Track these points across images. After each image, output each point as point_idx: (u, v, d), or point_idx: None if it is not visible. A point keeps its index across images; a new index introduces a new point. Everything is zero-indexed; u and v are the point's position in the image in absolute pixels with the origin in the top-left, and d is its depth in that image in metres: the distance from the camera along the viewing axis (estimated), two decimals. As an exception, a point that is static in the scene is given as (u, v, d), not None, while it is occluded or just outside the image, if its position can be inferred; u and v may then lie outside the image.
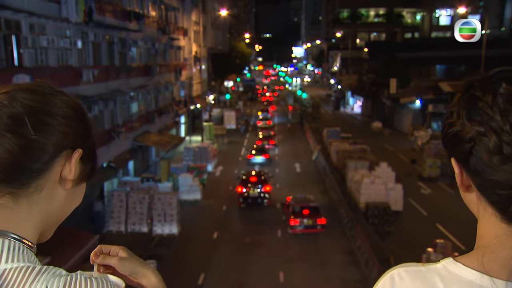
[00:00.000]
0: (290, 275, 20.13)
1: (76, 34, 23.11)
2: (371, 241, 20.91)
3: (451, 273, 1.18)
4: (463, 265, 1.18)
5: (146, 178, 29.17)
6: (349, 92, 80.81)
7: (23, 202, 1.20)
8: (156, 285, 1.40)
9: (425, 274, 1.20)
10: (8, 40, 17.82)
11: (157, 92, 37.75)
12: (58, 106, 1.25)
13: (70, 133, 1.25)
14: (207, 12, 60.91)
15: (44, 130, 1.20)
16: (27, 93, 1.23)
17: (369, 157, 33.78)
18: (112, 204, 24.00)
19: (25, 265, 1.12)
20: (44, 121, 1.21)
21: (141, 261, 1.43)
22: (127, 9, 30.53)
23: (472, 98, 1.16)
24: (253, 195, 28.71)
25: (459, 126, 1.16)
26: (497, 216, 1.17)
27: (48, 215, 1.27)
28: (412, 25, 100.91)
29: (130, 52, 31.73)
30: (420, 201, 28.13)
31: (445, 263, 1.20)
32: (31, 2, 18.71)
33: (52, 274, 1.12)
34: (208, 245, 23.05)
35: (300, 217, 24.36)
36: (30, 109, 1.20)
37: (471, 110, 1.15)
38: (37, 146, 1.19)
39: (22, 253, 1.14)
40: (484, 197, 1.17)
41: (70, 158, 1.24)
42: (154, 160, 35.93)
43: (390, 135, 51.34)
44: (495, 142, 1.10)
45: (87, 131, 1.32)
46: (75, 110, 1.29)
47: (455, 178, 1.27)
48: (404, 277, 1.20)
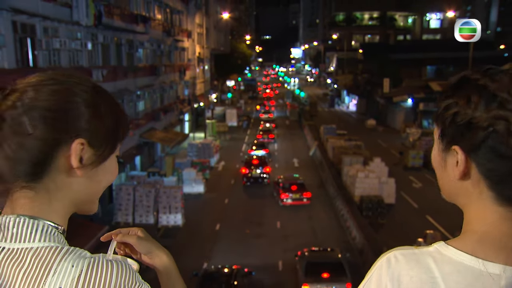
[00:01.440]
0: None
1: (86, 36, 23.19)
2: (365, 232, 21.02)
3: (443, 255, 1.18)
4: (454, 248, 1.18)
5: (152, 173, 29.24)
6: (345, 91, 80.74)
7: (42, 192, 1.22)
8: (169, 266, 1.48)
9: (419, 256, 1.20)
10: (24, 43, 17.87)
11: (163, 91, 37.77)
12: (66, 100, 1.22)
13: (72, 127, 1.22)
14: (210, 15, 60.82)
15: (49, 124, 1.19)
16: (40, 91, 1.21)
17: (363, 153, 33.79)
18: (120, 197, 24.05)
19: (55, 245, 1.16)
20: (40, 117, 1.19)
21: (156, 243, 1.49)
22: (134, 12, 30.53)
23: (478, 87, 1.15)
24: (255, 175, 32.12)
25: (471, 113, 1.14)
26: (494, 200, 1.17)
27: (74, 197, 1.28)
28: (404, 28, 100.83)
29: (137, 53, 31.77)
30: (411, 194, 28.24)
31: (437, 246, 1.21)
32: (45, 7, 18.75)
33: (78, 255, 1.15)
34: (211, 236, 23.15)
35: (289, 192, 27.61)
36: (27, 107, 1.19)
37: (484, 97, 1.13)
38: (41, 138, 1.18)
39: (52, 235, 1.19)
40: (487, 181, 1.16)
41: (71, 147, 1.22)
42: (160, 155, 35.90)
43: (383, 132, 51.40)
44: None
45: (98, 118, 1.27)
46: (88, 100, 1.25)
47: (435, 171, 1.30)
48: (399, 259, 1.20)
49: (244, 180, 32.20)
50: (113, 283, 1.13)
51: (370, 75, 64.38)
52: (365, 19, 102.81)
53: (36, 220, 1.18)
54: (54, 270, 1.11)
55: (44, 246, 1.16)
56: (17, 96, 1.20)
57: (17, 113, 1.18)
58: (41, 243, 1.16)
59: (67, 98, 1.22)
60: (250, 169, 32.35)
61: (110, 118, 1.30)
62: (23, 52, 17.82)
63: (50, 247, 1.15)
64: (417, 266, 1.18)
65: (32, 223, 1.18)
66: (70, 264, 1.13)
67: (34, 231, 1.17)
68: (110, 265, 1.15)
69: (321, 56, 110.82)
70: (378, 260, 1.24)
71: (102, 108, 1.28)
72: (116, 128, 1.32)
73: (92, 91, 1.27)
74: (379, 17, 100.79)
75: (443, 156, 1.24)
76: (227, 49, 75.39)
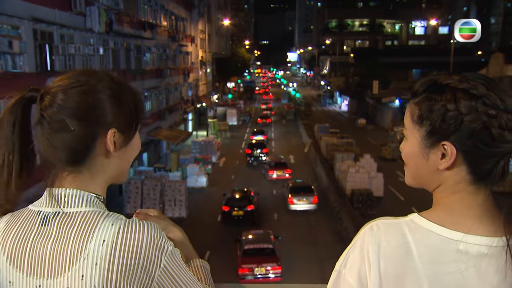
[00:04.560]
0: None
1: (98, 42, 23.24)
2: (356, 223, 21.14)
3: (415, 224, 1.26)
4: (425, 219, 1.26)
5: (158, 168, 29.13)
6: (337, 92, 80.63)
7: (86, 172, 1.37)
8: (181, 239, 1.61)
9: (396, 225, 1.27)
10: (43, 48, 17.97)
11: (168, 92, 37.70)
12: (97, 100, 1.35)
13: (106, 120, 1.36)
14: (212, 21, 60.72)
15: (87, 121, 1.34)
16: (69, 93, 1.34)
17: (354, 150, 33.76)
18: (129, 190, 24.08)
19: (98, 209, 1.34)
20: (86, 113, 1.34)
21: (170, 220, 1.63)
22: (142, 20, 30.64)
23: (463, 91, 1.23)
24: (256, 155, 36.79)
25: (461, 113, 1.21)
26: (468, 181, 1.26)
27: (111, 173, 1.43)
28: (392, 34, 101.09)
29: (145, 57, 31.79)
30: (398, 188, 28.25)
31: (411, 217, 1.28)
32: (61, 16, 18.93)
33: (116, 217, 1.31)
34: (213, 227, 23.25)
35: (274, 169, 31.74)
36: (62, 108, 1.32)
37: (472, 99, 1.21)
38: (83, 134, 1.34)
39: (95, 203, 1.36)
40: (467, 167, 1.25)
41: (107, 136, 1.37)
42: (165, 152, 35.88)
43: (373, 130, 51.23)
44: (506, 121, 1.19)
45: (126, 109, 1.41)
46: (114, 96, 1.38)
47: (407, 163, 1.38)
48: (380, 227, 1.28)
49: (247, 158, 36.88)
50: (145, 237, 1.29)
51: (360, 78, 64.23)
52: (356, 25, 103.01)
53: (82, 192, 1.35)
54: (98, 227, 1.28)
55: (90, 210, 1.33)
56: (51, 98, 1.34)
57: (54, 112, 1.33)
58: (87, 208, 1.33)
59: (92, 97, 1.35)
60: (252, 150, 37.16)
61: (130, 105, 1.43)
62: (41, 57, 17.90)
63: (94, 211, 1.32)
64: (394, 232, 1.26)
65: (79, 194, 1.35)
66: (110, 223, 1.29)
67: (81, 199, 1.34)
68: (142, 223, 1.31)
69: (315, 60, 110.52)
70: (362, 228, 1.31)
71: (123, 97, 1.41)
72: (136, 111, 1.45)
73: (112, 85, 1.39)
74: (369, 24, 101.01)
75: (427, 151, 1.29)
76: (227, 53, 75.22)
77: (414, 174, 1.37)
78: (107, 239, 1.27)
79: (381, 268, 1.24)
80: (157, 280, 1.31)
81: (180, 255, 1.40)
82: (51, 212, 1.34)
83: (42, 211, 1.35)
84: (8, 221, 1.37)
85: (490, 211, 1.26)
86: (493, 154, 1.22)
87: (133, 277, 1.28)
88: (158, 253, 1.31)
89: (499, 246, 1.21)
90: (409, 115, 1.35)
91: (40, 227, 1.32)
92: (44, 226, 1.32)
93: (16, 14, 15.80)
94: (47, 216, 1.33)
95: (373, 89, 54.32)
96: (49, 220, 1.32)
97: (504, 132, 1.20)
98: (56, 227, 1.31)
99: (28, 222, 1.34)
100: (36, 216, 1.34)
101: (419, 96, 1.32)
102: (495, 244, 1.21)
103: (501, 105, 1.20)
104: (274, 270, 17.57)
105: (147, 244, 1.29)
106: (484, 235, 1.22)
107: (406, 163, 1.39)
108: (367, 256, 1.27)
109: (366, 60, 61.65)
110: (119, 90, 1.41)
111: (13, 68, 15.98)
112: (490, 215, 1.26)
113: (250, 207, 23.71)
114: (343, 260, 1.32)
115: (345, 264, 1.31)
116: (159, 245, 1.31)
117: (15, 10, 15.71)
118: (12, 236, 1.34)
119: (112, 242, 1.27)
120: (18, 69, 16.23)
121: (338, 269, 1.33)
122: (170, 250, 1.34)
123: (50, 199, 1.35)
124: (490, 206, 1.27)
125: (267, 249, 18.32)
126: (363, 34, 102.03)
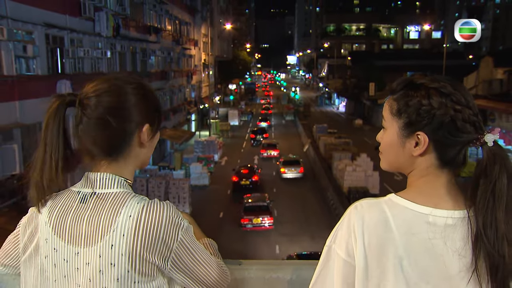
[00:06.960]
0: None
1: (106, 46, 23.33)
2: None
3: (393, 202, 1.40)
4: (401, 197, 1.41)
5: (163, 167, 29.17)
6: (335, 94, 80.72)
7: (121, 161, 1.57)
8: (192, 224, 1.68)
9: (377, 203, 1.41)
10: (54, 52, 18.16)
11: (172, 93, 37.76)
12: (130, 100, 1.54)
13: (139, 116, 1.56)
14: (214, 26, 60.76)
15: (124, 119, 1.54)
16: (107, 96, 1.52)
17: (351, 149, 33.72)
18: (135, 188, 23.94)
19: (126, 191, 1.53)
20: (123, 112, 1.54)
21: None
22: (147, 24, 30.78)
23: (435, 89, 1.38)
24: (258, 139, 44.58)
25: (433, 108, 1.36)
26: (436, 166, 1.42)
27: (140, 161, 1.63)
28: (388, 38, 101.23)
29: (150, 60, 31.91)
30: (393, 186, 28.03)
31: (390, 197, 1.43)
32: (72, 21, 19.09)
33: (141, 198, 1.50)
34: (215, 223, 23.27)
35: (266, 149, 38.84)
36: (113, 110, 1.52)
37: (442, 96, 1.36)
38: (122, 130, 1.54)
39: (125, 185, 1.55)
40: (436, 153, 1.41)
41: (142, 130, 1.58)
42: (169, 151, 35.92)
43: (369, 130, 51.05)
44: (468, 115, 1.36)
45: (151, 106, 1.61)
46: (141, 96, 1.58)
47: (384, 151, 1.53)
48: (364, 206, 1.40)
49: (252, 142, 44.92)
50: (165, 214, 1.48)
51: (357, 80, 64.36)
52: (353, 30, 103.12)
53: (115, 175, 1.55)
54: (126, 205, 1.48)
55: (120, 191, 1.52)
56: (92, 100, 1.52)
57: (97, 112, 1.51)
58: (117, 189, 1.52)
59: (125, 97, 1.54)
60: (255, 135, 45.56)
61: (154, 102, 1.64)
62: (53, 61, 18.07)
63: (123, 192, 1.52)
64: (375, 210, 1.39)
65: (112, 177, 1.54)
66: (136, 202, 1.48)
67: (113, 182, 1.54)
68: (162, 203, 1.49)
69: (314, 63, 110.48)
70: (349, 208, 1.43)
71: (148, 96, 1.61)
72: (159, 108, 1.66)
73: (138, 87, 1.59)
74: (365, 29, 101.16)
75: (403, 140, 1.44)
76: (229, 56, 75.26)
77: (391, 160, 1.52)
78: (133, 214, 1.46)
79: (365, 240, 1.37)
80: (175, 251, 1.51)
81: (193, 232, 1.58)
82: (88, 192, 1.55)
83: (81, 191, 1.56)
84: (54, 199, 1.58)
85: (454, 189, 1.43)
86: (457, 143, 1.38)
87: (155, 249, 1.48)
88: (176, 228, 1.50)
89: (461, 217, 1.37)
90: (388, 108, 1.50)
91: (79, 204, 1.53)
92: (82, 203, 1.53)
93: (30, 20, 15.96)
94: (85, 195, 1.54)
95: (370, 91, 54.39)
96: (87, 198, 1.53)
97: (466, 124, 1.36)
98: (92, 204, 1.52)
99: (70, 200, 1.56)
100: (76, 195, 1.56)
101: (397, 93, 1.46)
102: (457, 216, 1.37)
103: (464, 102, 1.37)
104: (268, 220, 22.28)
105: (167, 220, 1.48)
106: (448, 209, 1.38)
107: (383, 151, 1.54)
108: (353, 231, 1.39)
109: (363, 63, 61.74)
110: (145, 90, 1.61)
111: (27, 71, 16.17)
112: (454, 193, 1.42)
113: (254, 178, 28.82)
114: (333, 236, 1.44)
115: (334, 240, 1.43)
116: (176, 222, 1.50)
117: (29, 16, 15.87)
118: (56, 211, 1.55)
119: (137, 218, 1.46)
120: (31, 72, 16.42)
121: (329, 244, 1.46)
122: (186, 226, 1.53)
123: (87, 181, 1.57)
124: (454, 186, 1.43)
125: (263, 206, 22.80)
126: (360, 38, 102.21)
